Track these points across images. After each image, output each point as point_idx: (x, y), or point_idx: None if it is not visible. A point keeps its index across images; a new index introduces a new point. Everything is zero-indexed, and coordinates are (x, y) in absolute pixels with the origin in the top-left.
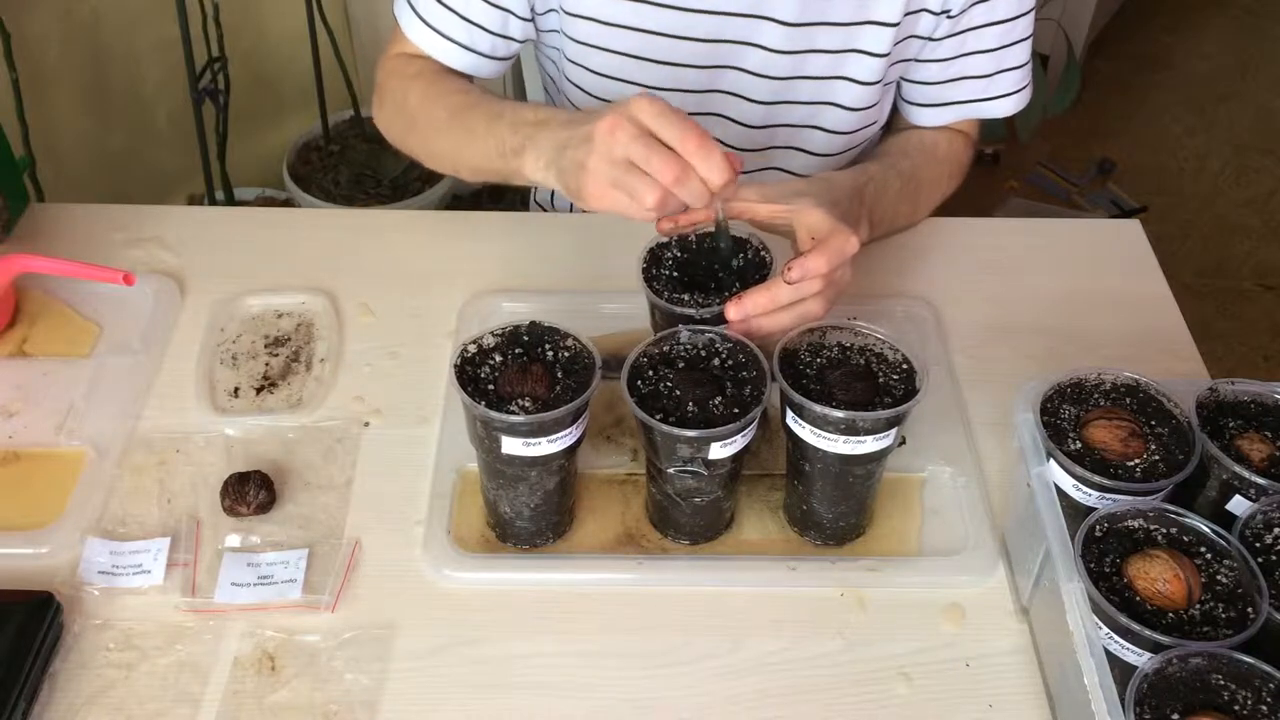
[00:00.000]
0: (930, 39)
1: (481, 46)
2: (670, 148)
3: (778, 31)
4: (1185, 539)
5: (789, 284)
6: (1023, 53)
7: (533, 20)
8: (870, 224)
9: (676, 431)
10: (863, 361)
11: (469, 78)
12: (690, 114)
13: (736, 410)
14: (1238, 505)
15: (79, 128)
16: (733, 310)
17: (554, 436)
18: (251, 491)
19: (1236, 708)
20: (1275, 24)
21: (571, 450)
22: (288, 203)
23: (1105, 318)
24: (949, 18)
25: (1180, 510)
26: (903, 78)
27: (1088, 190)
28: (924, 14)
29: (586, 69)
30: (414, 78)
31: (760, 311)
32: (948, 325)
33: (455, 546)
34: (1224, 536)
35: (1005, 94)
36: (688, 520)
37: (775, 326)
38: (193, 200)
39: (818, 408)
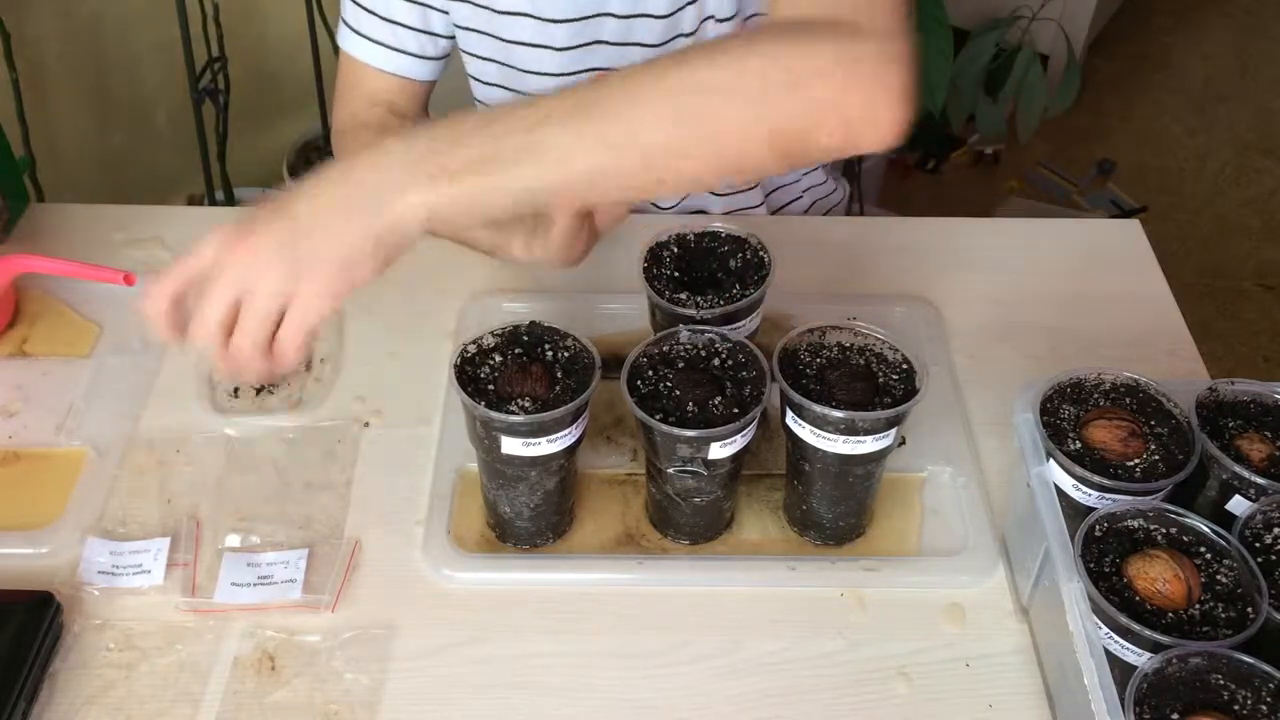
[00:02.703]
0: None
1: (409, 46)
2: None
3: None
4: (1185, 539)
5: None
6: None
7: (449, 12)
8: (447, 173)
9: (676, 431)
10: (863, 361)
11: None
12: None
13: (736, 410)
14: (1237, 505)
15: (79, 128)
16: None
17: (554, 436)
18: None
19: (1236, 708)
20: (1275, 24)
21: (571, 450)
22: None
23: (1105, 318)
24: None
25: (1180, 510)
26: None
27: (1088, 190)
28: None
29: (474, 56)
30: (379, 132)
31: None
32: (948, 325)
33: (455, 546)
34: (1224, 536)
35: None
36: (688, 520)
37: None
38: (193, 200)
39: (817, 408)
